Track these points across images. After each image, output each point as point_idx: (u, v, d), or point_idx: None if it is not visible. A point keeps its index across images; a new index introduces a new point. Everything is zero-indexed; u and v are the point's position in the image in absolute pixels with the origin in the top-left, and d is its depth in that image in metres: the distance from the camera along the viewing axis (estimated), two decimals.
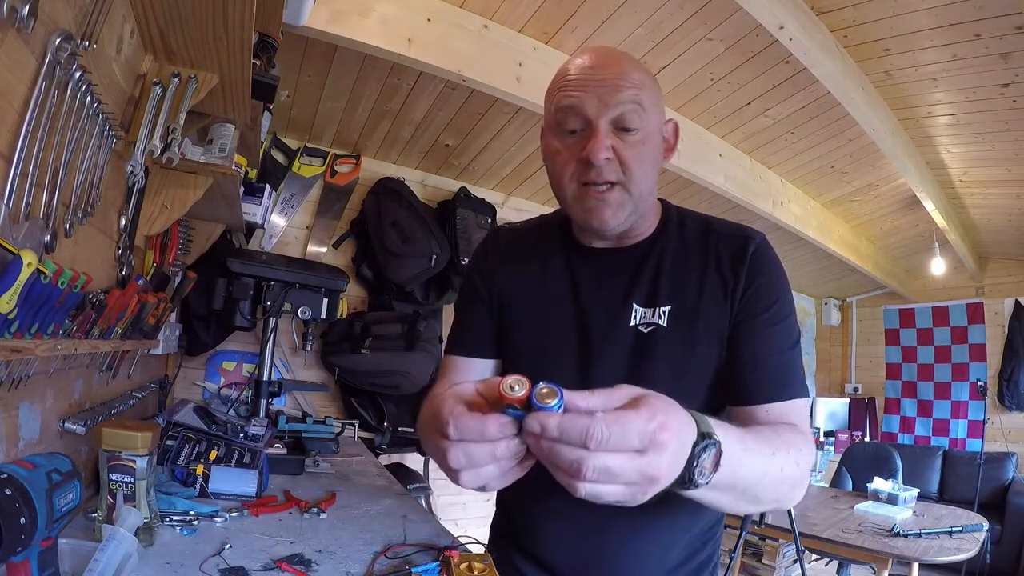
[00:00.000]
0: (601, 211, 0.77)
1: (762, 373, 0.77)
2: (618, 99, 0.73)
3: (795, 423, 0.74)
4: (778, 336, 0.78)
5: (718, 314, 0.79)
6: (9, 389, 0.75)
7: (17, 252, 0.61)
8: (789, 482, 0.66)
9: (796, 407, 0.76)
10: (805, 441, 0.71)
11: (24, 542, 0.56)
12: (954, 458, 4.65)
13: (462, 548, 1.03)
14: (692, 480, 0.50)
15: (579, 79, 0.75)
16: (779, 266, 0.82)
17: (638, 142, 0.75)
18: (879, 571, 2.30)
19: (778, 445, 0.65)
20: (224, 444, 1.33)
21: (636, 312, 0.82)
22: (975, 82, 2.37)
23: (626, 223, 0.80)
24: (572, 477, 0.44)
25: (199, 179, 1.36)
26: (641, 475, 0.44)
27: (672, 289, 0.81)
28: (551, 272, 0.88)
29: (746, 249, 0.80)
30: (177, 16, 1.01)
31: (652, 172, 0.79)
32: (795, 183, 3.39)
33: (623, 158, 0.75)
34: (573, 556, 0.84)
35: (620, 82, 0.74)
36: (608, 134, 0.74)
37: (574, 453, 0.43)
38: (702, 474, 0.51)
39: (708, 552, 0.88)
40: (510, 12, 1.96)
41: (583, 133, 0.76)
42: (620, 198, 0.76)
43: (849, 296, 5.88)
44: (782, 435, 0.68)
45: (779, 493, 0.66)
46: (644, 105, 0.74)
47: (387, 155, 2.93)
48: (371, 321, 2.63)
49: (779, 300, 0.79)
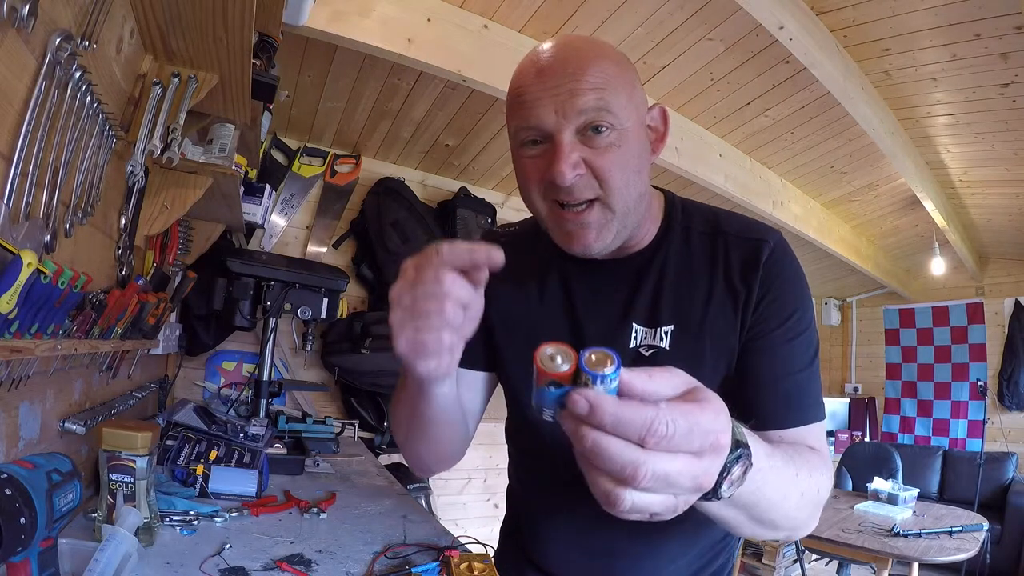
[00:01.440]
0: (583, 236, 0.68)
1: (775, 396, 0.69)
2: (578, 106, 0.63)
3: (813, 447, 0.67)
4: (795, 353, 0.70)
5: (727, 330, 0.72)
6: (9, 389, 0.75)
7: (17, 252, 0.61)
8: (808, 508, 0.61)
9: (812, 432, 0.69)
10: (825, 466, 0.65)
11: (24, 542, 0.56)
12: (954, 458, 4.65)
13: (462, 548, 1.03)
14: (716, 491, 0.43)
15: (530, 89, 0.65)
16: (797, 271, 0.74)
17: (612, 144, 0.65)
18: (879, 571, 2.30)
19: (801, 466, 0.59)
20: (224, 444, 1.33)
21: (636, 332, 0.75)
22: (975, 82, 2.37)
23: (615, 242, 0.71)
24: (620, 483, 0.36)
25: (199, 179, 1.36)
26: (694, 482, 0.37)
27: (675, 305, 0.74)
28: (546, 285, 0.81)
29: (759, 254, 0.72)
30: (177, 16, 1.01)
31: (638, 176, 0.68)
32: (795, 183, 3.39)
33: (597, 169, 0.64)
34: (581, 569, 0.82)
35: (578, 86, 0.63)
36: (574, 146, 0.64)
37: (629, 452, 0.35)
38: (730, 485, 0.44)
39: (721, 562, 0.85)
40: (510, 12, 1.96)
41: (545, 145, 0.66)
42: (602, 217, 0.67)
43: (849, 296, 5.88)
44: (805, 456, 0.62)
45: (797, 520, 0.61)
46: (612, 107, 0.64)
47: (387, 155, 2.93)
48: (371, 321, 2.63)
49: (796, 312, 0.71)
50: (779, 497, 0.54)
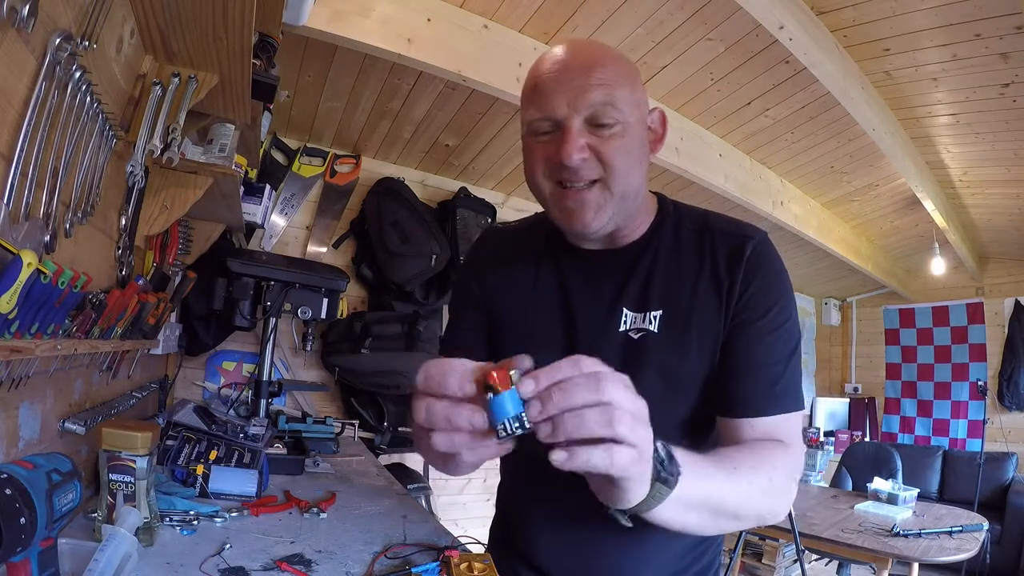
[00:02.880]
0: (581, 213, 0.73)
1: (751, 384, 0.73)
2: (588, 100, 0.69)
3: (782, 439, 0.72)
4: (774, 344, 0.74)
5: (712, 319, 0.76)
6: (9, 389, 0.75)
7: (17, 252, 0.61)
8: (766, 496, 0.66)
9: (785, 422, 0.73)
10: (787, 456, 0.70)
11: (24, 542, 0.56)
12: (954, 458, 4.65)
13: (462, 548, 1.03)
14: (666, 471, 0.51)
15: (547, 82, 0.72)
16: (779, 267, 0.78)
17: (616, 135, 0.71)
18: (879, 571, 2.30)
19: (741, 460, 0.65)
20: (224, 444, 1.33)
21: (626, 317, 0.78)
22: (975, 82, 2.37)
23: (611, 223, 0.75)
24: (603, 426, 0.44)
25: (199, 179, 1.36)
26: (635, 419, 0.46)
27: (664, 292, 0.78)
28: (540, 275, 0.86)
29: (743, 249, 0.76)
30: (177, 16, 1.01)
31: (637, 166, 0.74)
32: (795, 183, 3.39)
33: (602, 153, 0.70)
34: (569, 564, 0.83)
35: (588, 81, 0.69)
36: (582, 132, 0.70)
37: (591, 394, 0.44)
38: (672, 469, 0.52)
39: (708, 559, 0.86)
40: (510, 12, 1.96)
41: (555, 134, 0.72)
42: (601, 197, 0.72)
43: (849, 296, 5.88)
44: (751, 450, 0.69)
45: (756, 506, 0.66)
46: (617, 103, 0.70)
47: (387, 155, 2.93)
48: (371, 321, 2.63)
49: (777, 304, 0.75)
50: (725, 489, 0.61)
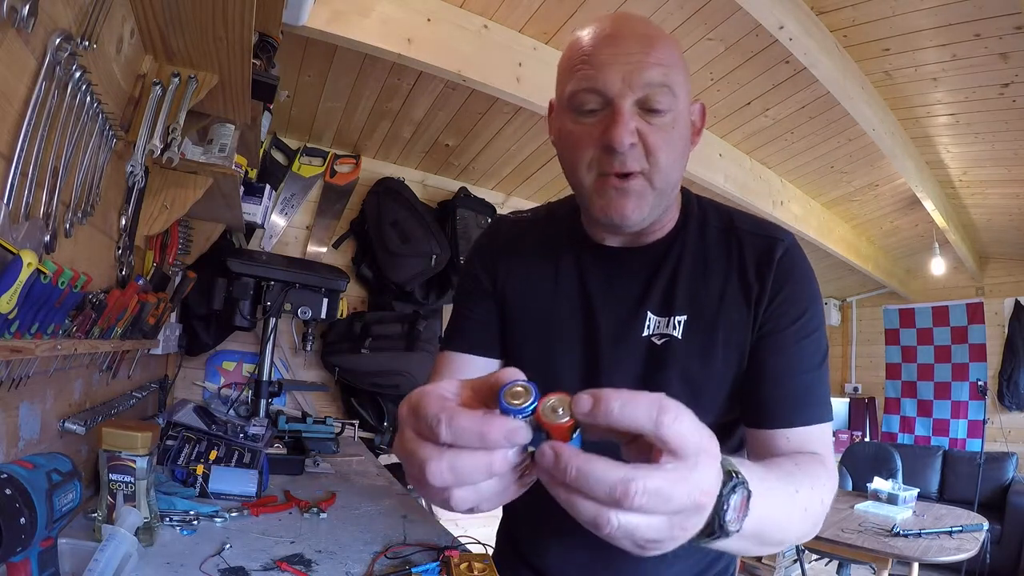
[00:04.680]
0: (622, 204, 0.67)
1: (784, 394, 0.69)
2: (645, 78, 0.63)
3: (817, 451, 0.68)
4: (805, 352, 0.70)
5: (740, 324, 0.72)
6: (9, 389, 0.75)
7: (17, 252, 0.61)
8: (811, 521, 0.59)
9: (820, 433, 0.69)
10: (828, 475, 0.64)
11: (24, 542, 0.56)
12: (954, 458, 4.65)
13: (462, 548, 1.03)
14: (723, 528, 0.40)
15: (599, 53, 0.65)
16: (809, 272, 0.74)
17: (667, 125, 0.65)
18: (879, 571, 2.30)
19: (801, 481, 0.57)
20: (224, 444, 1.33)
21: (650, 321, 0.74)
22: (975, 82, 2.37)
23: (649, 218, 0.70)
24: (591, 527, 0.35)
25: (199, 179, 1.36)
26: (672, 534, 0.36)
27: (689, 296, 0.74)
28: (559, 271, 0.80)
29: (773, 252, 0.72)
30: (177, 16, 1.01)
31: (680, 161, 0.69)
32: (795, 183, 3.39)
33: (649, 144, 0.65)
34: (579, 570, 0.82)
35: (647, 59, 0.63)
36: (633, 115, 0.64)
37: (594, 508, 0.33)
38: (733, 521, 0.41)
39: (724, 564, 0.84)
40: (510, 12, 1.96)
41: (603, 113, 0.65)
42: (642, 189, 0.67)
43: (849, 296, 5.88)
44: (804, 468, 0.62)
45: (801, 532, 0.59)
46: (674, 88, 0.65)
47: (387, 155, 2.93)
48: (371, 321, 2.63)
49: (808, 311, 0.71)
50: (784, 518, 0.53)
